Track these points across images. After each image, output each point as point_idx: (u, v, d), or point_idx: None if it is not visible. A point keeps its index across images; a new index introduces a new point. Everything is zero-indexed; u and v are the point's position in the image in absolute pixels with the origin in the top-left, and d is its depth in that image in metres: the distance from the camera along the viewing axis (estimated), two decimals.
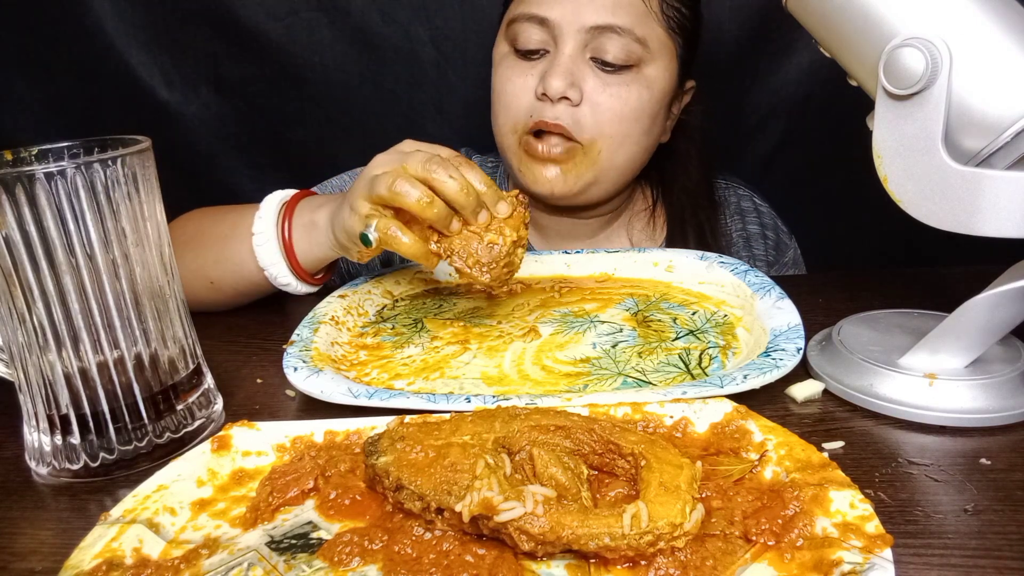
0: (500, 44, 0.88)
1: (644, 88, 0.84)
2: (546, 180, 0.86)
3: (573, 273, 0.84)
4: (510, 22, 0.85)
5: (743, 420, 0.50)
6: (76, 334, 0.50)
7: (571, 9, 0.81)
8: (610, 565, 0.40)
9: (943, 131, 0.49)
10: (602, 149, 0.84)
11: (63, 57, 1.14)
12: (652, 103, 0.85)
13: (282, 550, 0.42)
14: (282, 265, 0.74)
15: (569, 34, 0.81)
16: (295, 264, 0.74)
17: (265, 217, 0.74)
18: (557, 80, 0.80)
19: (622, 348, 0.66)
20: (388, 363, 0.66)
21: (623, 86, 0.83)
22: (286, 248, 0.73)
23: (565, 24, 0.81)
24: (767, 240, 1.00)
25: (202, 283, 0.77)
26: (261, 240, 0.73)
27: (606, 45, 0.81)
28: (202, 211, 0.84)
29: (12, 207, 0.46)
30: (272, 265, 0.74)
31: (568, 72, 0.81)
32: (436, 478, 0.42)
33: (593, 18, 0.81)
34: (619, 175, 0.89)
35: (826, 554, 0.38)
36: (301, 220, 0.73)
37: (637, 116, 0.84)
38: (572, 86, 0.81)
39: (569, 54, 0.81)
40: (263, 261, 0.74)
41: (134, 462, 0.52)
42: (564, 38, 0.82)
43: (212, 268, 0.77)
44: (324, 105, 1.17)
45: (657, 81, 0.85)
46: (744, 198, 1.02)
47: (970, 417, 0.52)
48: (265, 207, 0.75)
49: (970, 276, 0.57)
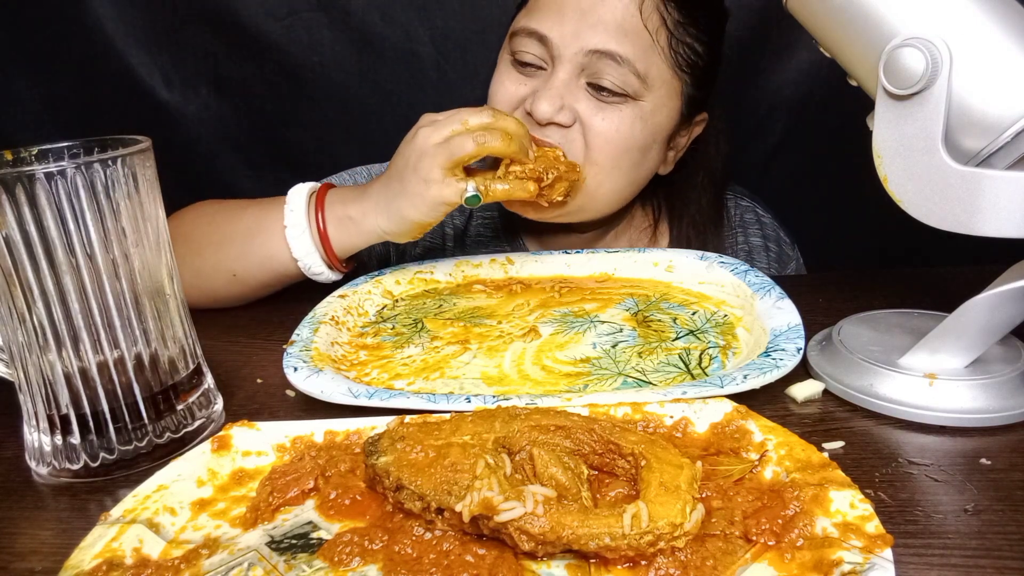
0: (503, 51, 0.87)
1: (638, 119, 0.80)
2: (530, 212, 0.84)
3: (573, 273, 0.84)
4: (513, 32, 0.84)
5: (743, 420, 0.50)
6: (76, 334, 0.50)
7: (572, 30, 0.78)
8: (610, 565, 0.40)
9: (943, 131, 0.49)
10: (588, 175, 0.81)
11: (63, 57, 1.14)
12: (645, 136, 0.82)
13: (282, 550, 0.42)
14: (315, 256, 0.77)
15: (567, 57, 0.79)
16: (331, 254, 0.77)
17: (296, 210, 0.76)
18: (545, 104, 0.78)
19: (622, 348, 0.66)
20: (388, 363, 0.66)
21: (616, 112, 0.80)
22: (322, 239, 0.76)
23: (564, 46, 0.79)
24: (769, 252, 0.99)
25: (224, 277, 0.79)
26: (296, 232, 0.76)
27: (604, 71, 0.78)
28: (210, 204, 0.84)
29: (12, 207, 0.46)
30: (307, 255, 0.76)
31: (558, 96, 0.79)
32: (436, 478, 0.42)
33: (594, 42, 0.78)
34: (604, 204, 0.86)
35: (826, 554, 0.38)
36: (334, 213, 0.76)
37: (627, 146, 0.81)
38: (562, 110, 0.79)
39: (563, 79, 0.79)
40: (297, 252, 0.76)
41: (134, 462, 0.52)
42: (561, 60, 0.79)
43: (235, 262, 0.79)
44: (324, 105, 1.17)
45: (653, 115, 0.81)
46: (747, 210, 1.01)
47: (970, 417, 0.52)
48: (294, 200, 0.77)
49: (970, 276, 0.57)
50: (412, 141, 0.72)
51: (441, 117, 0.73)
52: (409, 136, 0.74)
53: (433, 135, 0.71)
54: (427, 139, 0.71)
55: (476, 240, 1.01)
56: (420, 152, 0.71)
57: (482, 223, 1.01)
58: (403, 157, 0.73)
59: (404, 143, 0.74)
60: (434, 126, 0.72)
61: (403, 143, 0.74)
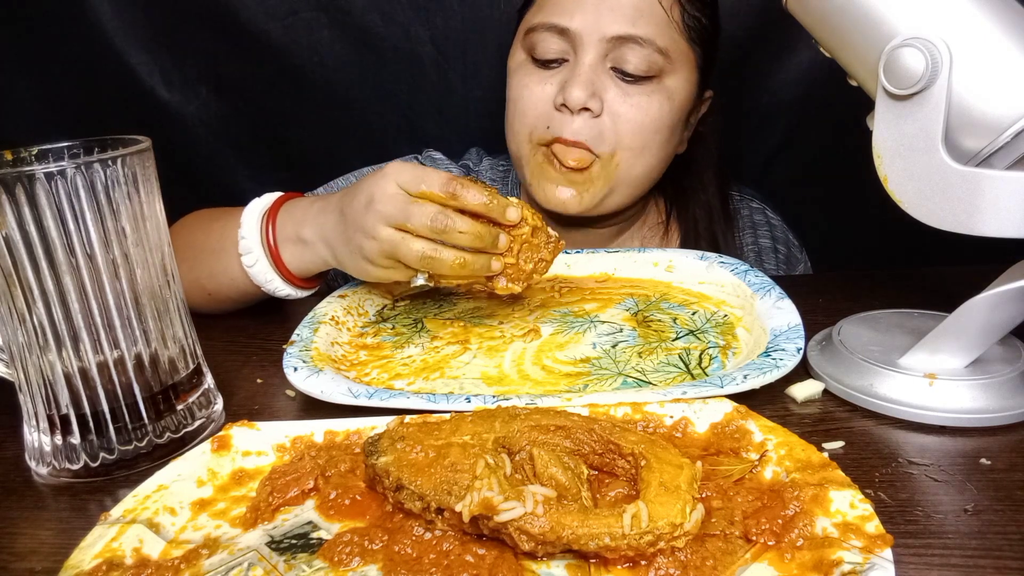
0: (516, 52, 0.87)
1: (665, 99, 0.82)
2: (559, 200, 0.85)
3: (573, 273, 0.84)
4: (528, 31, 0.84)
5: (743, 420, 0.50)
6: (76, 334, 0.50)
7: (592, 19, 0.79)
8: (610, 565, 0.40)
9: (943, 131, 0.49)
10: (620, 161, 0.83)
11: (63, 57, 1.14)
12: (672, 114, 0.84)
13: (282, 550, 0.42)
14: (278, 281, 0.73)
15: (590, 44, 0.80)
16: (290, 277, 0.73)
17: (248, 237, 0.72)
18: (578, 90, 0.79)
19: (622, 348, 0.66)
20: (388, 363, 0.66)
21: (644, 96, 0.81)
22: (278, 266, 0.72)
23: (585, 34, 0.79)
24: (778, 254, 1.00)
25: (200, 294, 0.77)
26: (251, 261, 0.72)
27: (627, 55, 0.79)
28: (197, 216, 0.83)
29: (12, 207, 0.46)
30: (268, 282, 0.73)
31: (589, 82, 0.80)
32: (436, 478, 0.42)
33: (614, 28, 0.79)
34: (635, 186, 0.87)
35: (826, 554, 0.38)
36: (285, 234, 0.71)
37: (658, 127, 0.83)
38: (593, 96, 0.80)
39: (589, 64, 0.80)
40: (258, 280, 0.73)
41: (134, 462, 0.52)
42: (584, 48, 0.80)
43: (207, 281, 0.76)
44: (324, 105, 1.17)
45: (678, 92, 0.83)
46: (756, 211, 1.02)
47: (970, 417, 0.52)
48: (246, 225, 0.72)
49: (970, 276, 0.57)
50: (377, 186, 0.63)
51: (401, 179, 0.63)
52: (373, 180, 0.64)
53: (382, 213, 0.62)
54: (384, 201, 0.62)
55: None
56: (363, 210, 0.63)
57: None
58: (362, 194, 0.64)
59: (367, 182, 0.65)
60: (391, 201, 0.62)
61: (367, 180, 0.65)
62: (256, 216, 0.72)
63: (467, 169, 1.03)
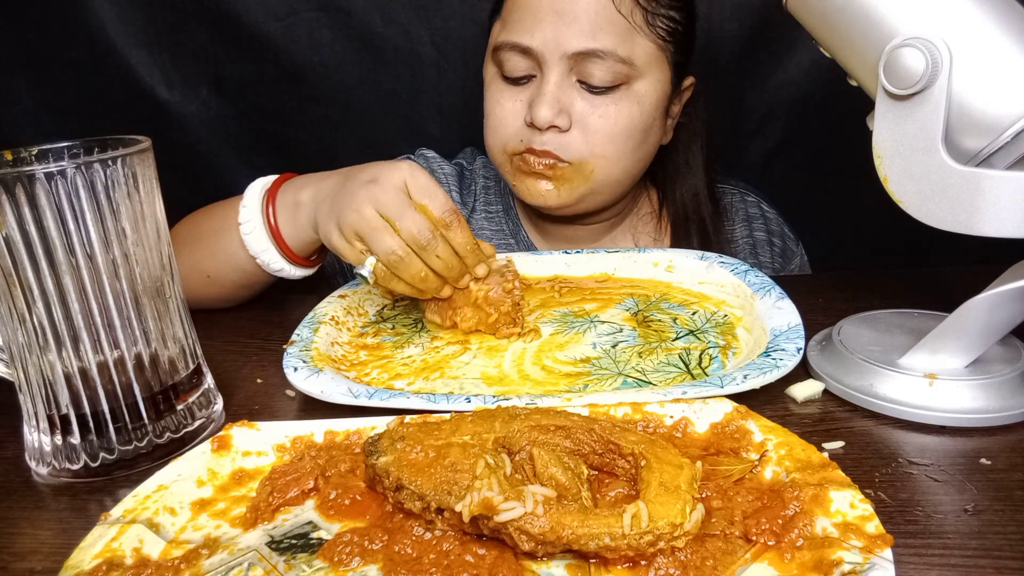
0: (488, 65, 0.88)
1: (634, 104, 0.82)
2: (539, 194, 0.86)
3: (573, 273, 0.84)
4: (495, 48, 0.85)
5: (743, 420, 0.50)
6: (76, 334, 0.50)
7: (551, 36, 0.79)
8: (610, 565, 0.40)
9: (943, 131, 0.49)
10: (594, 168, 0.84)
11: (63, 57, 1.14)
12: (645, 117, 0.84)
13: (282, 550, 0.42)
14: (272, 251, 0.74)
15: (552, 61, 0.80)
16: (284, 248, 0.74)
17: (249, 205, 0.74)
18: (544, 109, 0.80)
19: (622, 348, 0.66)
20: (388, 363, 0.66)
21: (612, 105, 0.81)
22: (273, 233, 0.73)
23: (547, 52, 0.80)
24: (773, 247, 1.00)
25: (199, 278, 0.77)
26: (248, 228, 0.74)
27: (591, 69, 0.79)
28: (200, 209, 0.84)
29: (12, 207, 0.46)
30: (263, 252, 0.74)
31: (555, 100, 0.80)
32: (436, 478, 0.42)
33: (574, 43, 0.79)
34: (616, 187, 0.88)
35: (826, 554, 0.38)
36: (284, 202, 0.73)
37: (629, 133, 0.83)
38: (560, 113, 0.80)
39: (555, 81, 0.80)
40: (253, 249, 0.74)
41: (134, 462, 0.52)
42: (548, 65, 0.80)
43: (208, 262, 0.77)
44: (324, 105, 1.17)
45: (649, 94, 0.83)
46: (752, 204, 1.02)
47: (970, 417, 0.52)
48: (249, 195, 0.75)
49: (970, 276, 0.57)
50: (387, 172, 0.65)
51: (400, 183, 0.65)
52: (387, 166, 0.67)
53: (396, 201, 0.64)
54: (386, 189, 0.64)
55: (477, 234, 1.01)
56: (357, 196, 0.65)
57: (485, 216, 1.01)
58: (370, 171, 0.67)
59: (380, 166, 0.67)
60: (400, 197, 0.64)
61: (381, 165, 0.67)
62: (259, 188, 0.75)
63: (460, 168, 1.04)
